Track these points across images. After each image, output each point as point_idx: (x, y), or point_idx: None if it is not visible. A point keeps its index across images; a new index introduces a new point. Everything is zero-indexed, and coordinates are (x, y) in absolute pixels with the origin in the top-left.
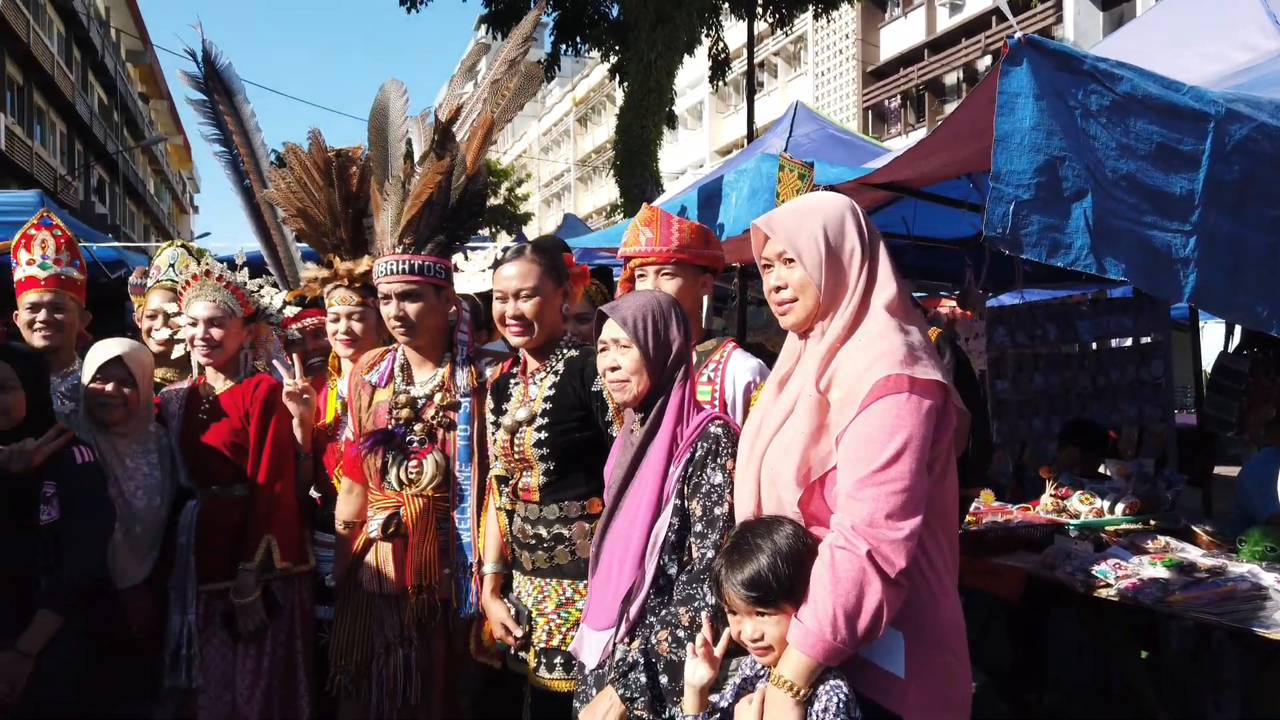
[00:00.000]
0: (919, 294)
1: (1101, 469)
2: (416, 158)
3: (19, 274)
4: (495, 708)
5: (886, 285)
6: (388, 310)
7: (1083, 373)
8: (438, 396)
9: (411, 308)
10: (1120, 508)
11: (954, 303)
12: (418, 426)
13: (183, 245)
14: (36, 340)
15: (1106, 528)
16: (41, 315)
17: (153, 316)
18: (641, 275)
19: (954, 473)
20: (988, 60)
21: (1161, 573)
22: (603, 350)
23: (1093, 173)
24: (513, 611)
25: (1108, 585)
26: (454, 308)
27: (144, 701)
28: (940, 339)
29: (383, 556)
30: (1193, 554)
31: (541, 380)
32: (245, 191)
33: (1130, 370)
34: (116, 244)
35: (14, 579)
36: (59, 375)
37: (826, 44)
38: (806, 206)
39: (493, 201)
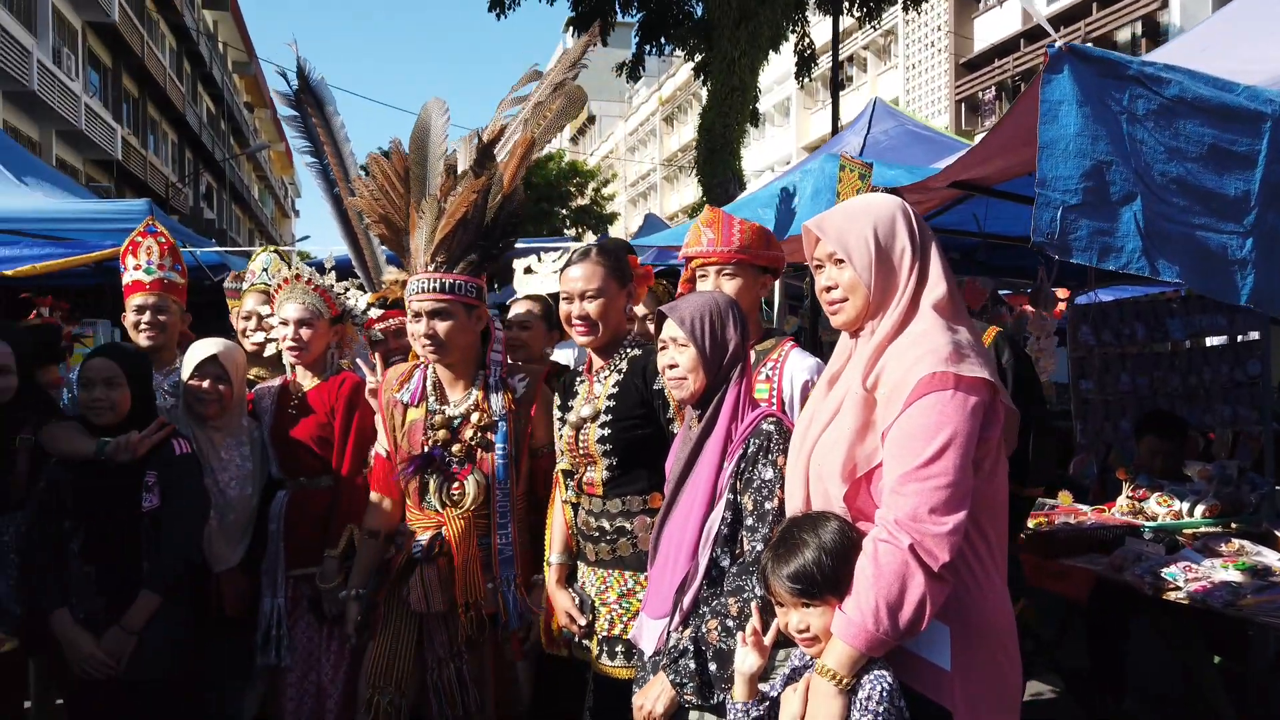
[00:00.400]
0: (1004, 291)
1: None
2: (459, 173)
3: (127, 278)
4: (561, 696)
5: (937, 285)
6: (417, 328)
7: (1173, 372)
8: (474, 417)
9: (441, 326)
10: (1200, 510)
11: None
12: (455, 447)
13: (275, 250)
14: (141, 340)
15: (1184, 531)
16: (146, 317)
17: (247, 318)
18: (703, 275)
19: (1004, 470)
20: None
21: (1234, 576)
22: (662, 349)
23: (1141, 176)
24: (577, 601)
25: (1177, 588)
26: (487, 325)
27: (237, 679)
28: (999, 337)
29: (428, 576)
30: (1269, 558)
31: (606, 378)
32: (334, 199)
33: (1225, 370)
34: (219, 249)
35: (120, 561)
36: (162, 373)
37: (917, 36)
38: (857, 208)
39: (579, 202)
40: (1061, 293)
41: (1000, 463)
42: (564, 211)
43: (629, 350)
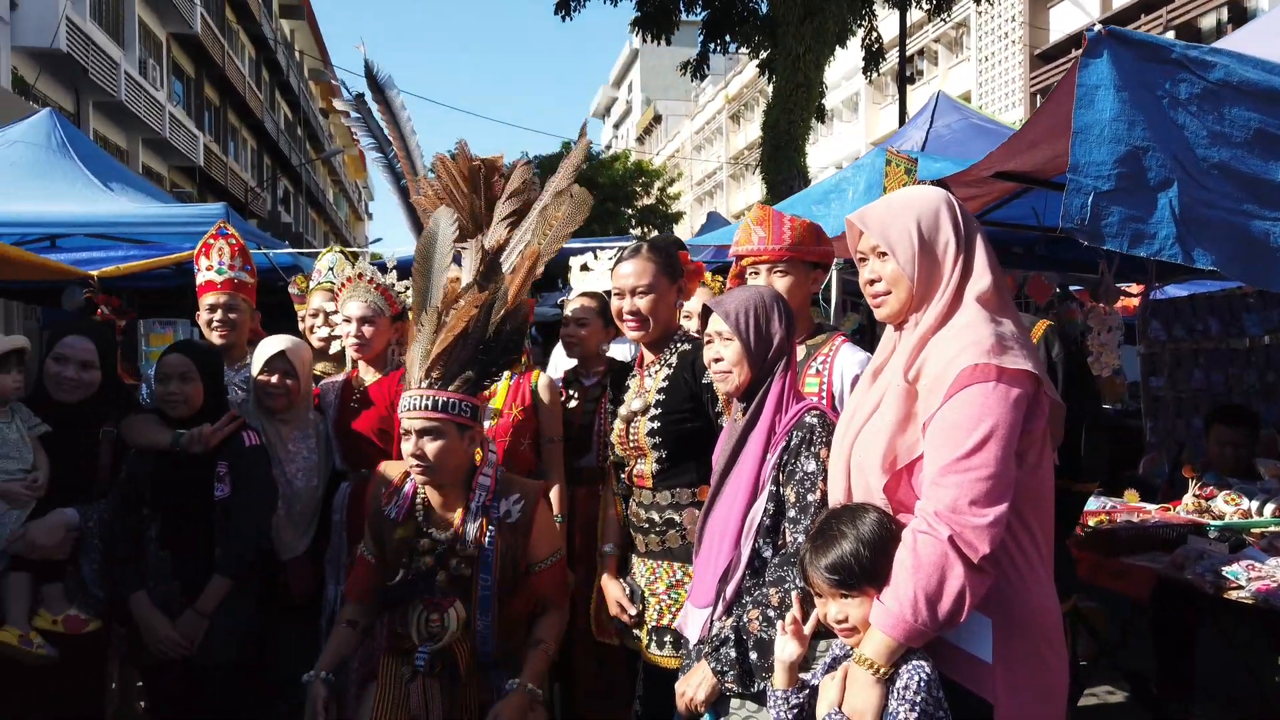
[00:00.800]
0: (1075, 287)
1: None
2: (462, 285)
3: (200, 278)
4: (615, 685)
5: (981, 277)
6: (406, 447)
7: (1249, 369)
8: (459, 545)
9: (431, 447)
10: (1270, 509)
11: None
12: (439, 576)
13: (340, 250)
14: (214, 337)
15: (1251, 530)
16: (218, 315)
17: (314, 315)
18: (754, 273)
19: (1049, 463)
20: (1171, 36)
21: None
22: (708, 342)
23: (1180, 162)
24: (628, 591)
25: (1239, 587)
26: (479, 448)
27: (302, 663)
28: (1049, 331)
29: (429, 687)
30: None
31: (656, 373)
32: (401, 191)
33: None
34: (292, 250)
35: (194, 547)
36: (233, 368)
37: (990, 28)
38: (900, 200)
39: (644, 201)
40: (1135, 288)
41: (1045, 455)
42: (629, 211)
43: (679, 345)
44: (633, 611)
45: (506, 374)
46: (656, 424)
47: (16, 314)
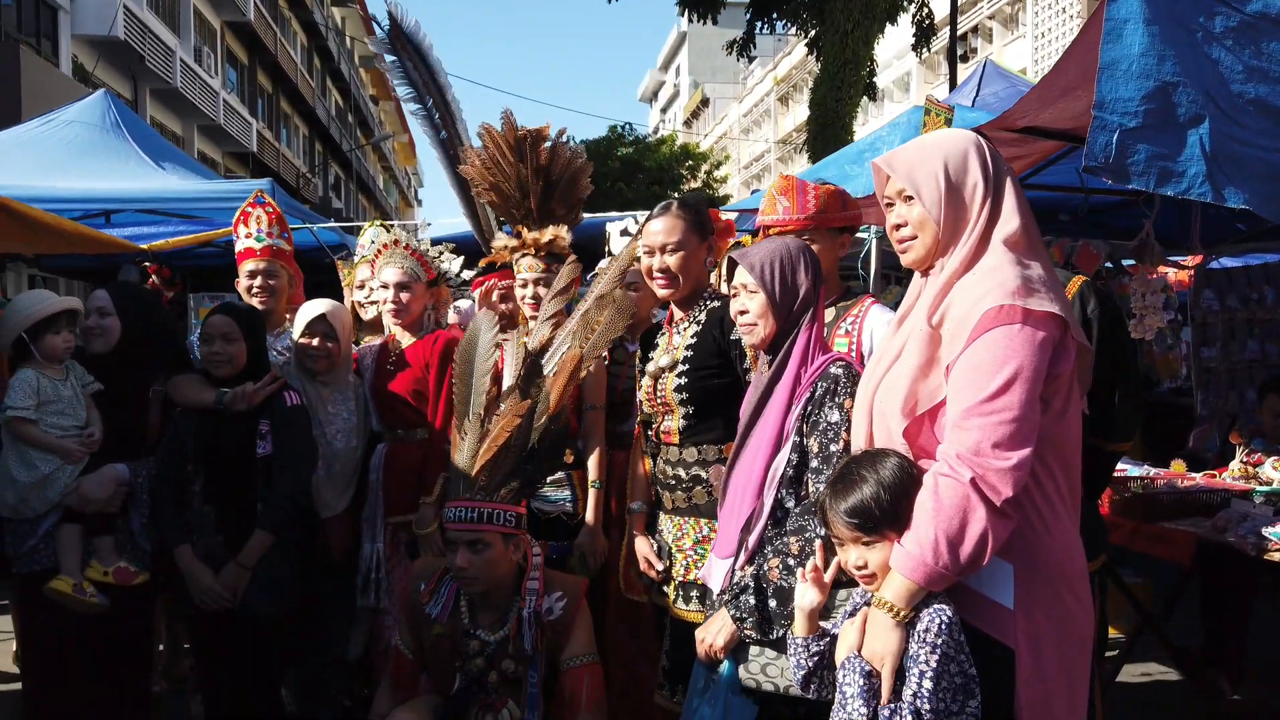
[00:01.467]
0: (1128, 261)
1: None
2: (504, 387)
3: (239, 245)
4: (644, 646)
5: (1009, 220)
6: (453, 558)
7: None
8: (511, 646)
9: (477, 559)
10: None
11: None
12: (491, 676)
13: (380, 224)
14: (254, 302)
15: None
16: (258, 281)
17: (360, 288)
18: None
19: (1076, 410)
20: None
21: None
22: (733, 295)
23: (1213, 98)
24: (655, 548)
25: None
26: (523, 553)
27: (341, 618)
28: (1084, 287)
29: None
30: None
31: (685, 329)
32: (441, 144)
33: None
34: (336, 225)
35: (237, 503)
36: (273, 334)
37: (1046, 3)
38: (928, 143)
39: (691, 185)
40: (1188, 260)
41: (1072, 401)
42: (675, 195)
43: (709, 302)
44: (660, 567)
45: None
46: (684, 380)
47: (79, 293)
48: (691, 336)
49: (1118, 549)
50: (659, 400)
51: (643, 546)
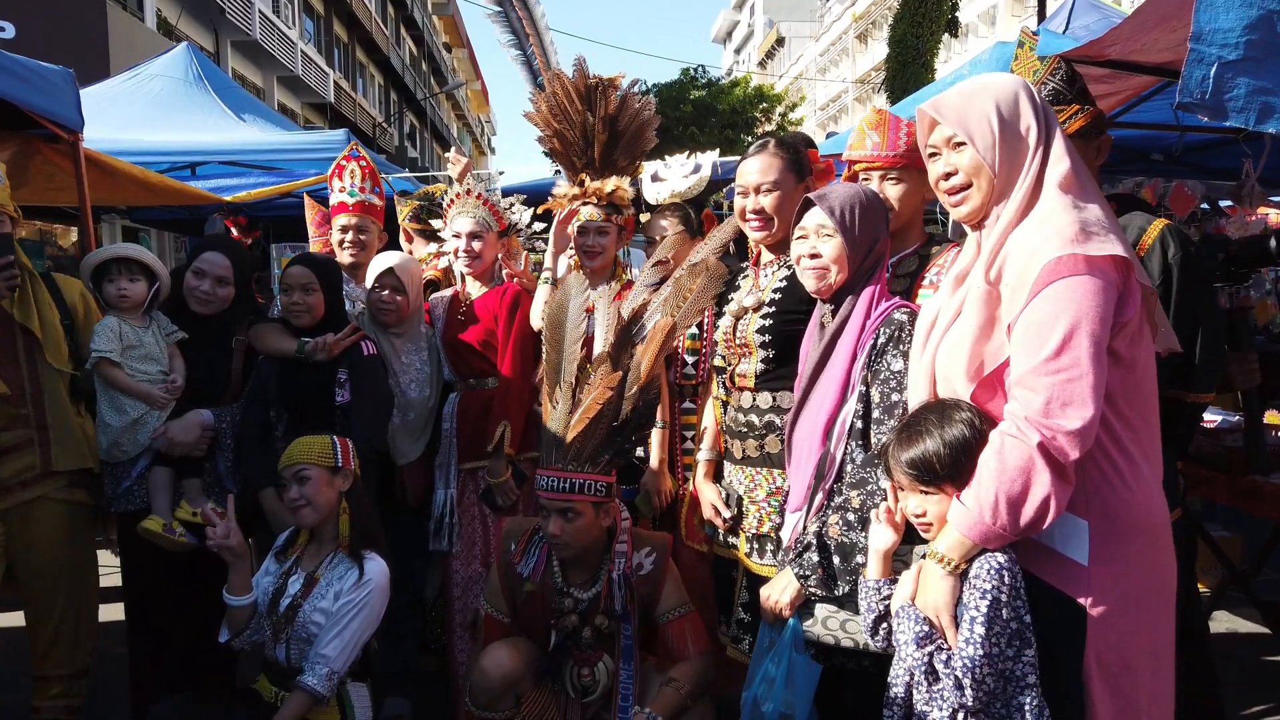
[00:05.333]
0: (1225, 203)
1: None
2: (594, 354)
3: (333, 199)
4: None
5: (1060, 161)
6: (546, 525)
7: None
8: (603, 605)
9: (569, 527)
10: None
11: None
12: (586, 632)
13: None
14: (345, 257)
15: None
16: (350, 236)
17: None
18: (865, 179)
19: (1148, 352)
20: None
21: None
22: (800, 238)
23: None
24: (723, 495)
25: None
26: (613, 518)
27: (417, 560)
28: (1166, 230)
29: None
30: None
31: (774, 272)
32: (539, 89)
33: None
34: (411, 175)
35: None
36: (361, 286)
37: None
38: (975, 86)
39: (765, 127)
40: None
41: (1143, 345)
42: (749, 139)
43: None
44: (727, 515)
45: (607, 288)
46: (768, 321)
47: (169, 243)
48: (780, 280)
49: (1207, 503)
50: (738, 341)
51: (710, 493)
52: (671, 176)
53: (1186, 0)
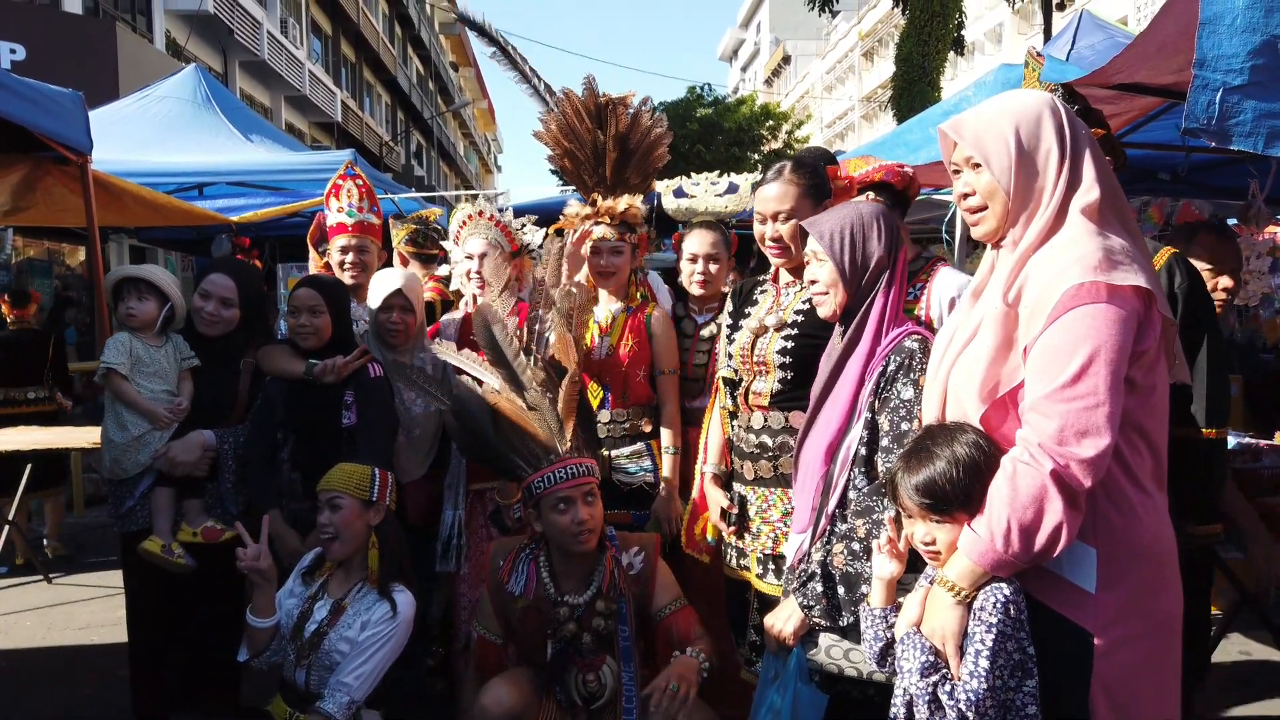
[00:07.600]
0: (1232, 220)
1: None
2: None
3: (331, 219)
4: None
5: (1089, 190)
6: (575, 515)
7: None
8: (600, 604)
9: (594, 510)
10: None
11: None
12: (585, 638)
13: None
14: (345, 278)
15: None
16: (350, 257)
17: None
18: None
19: (1163, 383)
20: None
21: None
22: (805, 263)
23: None
24: (731, 499)
25: None
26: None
27: (422, 581)
28: (1173, 259)
29: None
30: None
31: (796, 293)
32: (549, 110)
33: None
34: (418, 195)
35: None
36: (362, 306)
37: None
38: (998, 107)
39: (772, 145)
40: None
41: (1159, 375)
42: (755, 156)
43: None
44: (734, 512)
45: (622, 308)
46: (790, 342)
47: (177, 263)
48: (803, 302)
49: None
50: (756, 359)
51: (717, 494)
52: (700, 194)
53: (1187, 28)
